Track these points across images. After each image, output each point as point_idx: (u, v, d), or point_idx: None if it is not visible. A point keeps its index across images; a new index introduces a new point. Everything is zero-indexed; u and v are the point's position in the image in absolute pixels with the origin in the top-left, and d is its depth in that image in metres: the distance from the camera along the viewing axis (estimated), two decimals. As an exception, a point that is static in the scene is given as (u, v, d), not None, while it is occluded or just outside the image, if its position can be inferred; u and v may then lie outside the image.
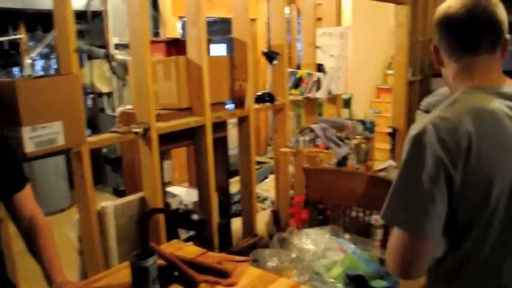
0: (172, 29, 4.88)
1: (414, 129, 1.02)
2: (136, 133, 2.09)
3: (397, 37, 5.01)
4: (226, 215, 2.91)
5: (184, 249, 1.66)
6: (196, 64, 2.32)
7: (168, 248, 1.62)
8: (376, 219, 2.80)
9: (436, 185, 0.96)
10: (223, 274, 1.45)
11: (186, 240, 2.57)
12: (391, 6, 4.93)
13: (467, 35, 1.05)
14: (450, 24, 1.07)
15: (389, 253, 1.06)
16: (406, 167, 1.03)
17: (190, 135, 2.48)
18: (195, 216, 1.33)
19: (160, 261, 1.41)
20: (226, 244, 2.84)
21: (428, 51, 5.96)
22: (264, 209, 3.60)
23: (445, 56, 1.12)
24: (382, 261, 1.96)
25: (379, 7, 5.12)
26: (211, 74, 2.39)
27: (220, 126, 2.68)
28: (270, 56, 2.86)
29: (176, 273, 1.44)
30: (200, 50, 2.30)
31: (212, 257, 1.59)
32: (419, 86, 5.90)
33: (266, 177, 4.40)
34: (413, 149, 1.01)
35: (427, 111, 3.76)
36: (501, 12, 1.05)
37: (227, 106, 2.75)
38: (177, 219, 1.39)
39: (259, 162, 5.68)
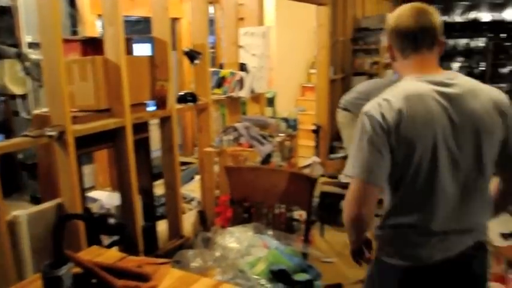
0: (92, 27, 4.69)
1: (365, 107, 1.37)
2: (50, 136, 1.99)
3: (318, 37, 5.18)
4: (151, 217, 2.86)
5: (103, 255, 1.60)
6: (115, 64, 2.25)
7: (86, 255, 1.56)
8: (300, 214, 2.88)
9: (382, 145, 1.32)
10: (143, 278, 1.42)
11: (110, 245, 2.50)
12: (312, 6, 5.08)
13: (413, 38, 1.38)
14: (400, 30, 1.40)
15: (346, 200, 1.40)
16: (361, 134, 1.36)
17: (111, 137, 2.41)
18: (112, 220, 1.29)
19: (77, 269, 1.36)
20: (152, 247, 2.79)
21: (348, 50, 6.23)
22: (191, 210, 3.59)
23: (396, 53, 1.44)
24: (304, 255, 2.02)
25: (301, 7, 5.25)
26: (130, 74, 2.34)
27: (141, 127, 2.63)
28: (192, 55, 2.84)
29: (94, 281, 1.39)
30: (118, 50, 2.24)
31: (133, 261, 1.55)
32: (341, 84, 6.14)
33: (192, 178, 4.37)
34: (364, 121, 1.35)
35: (345, 109, 3.93)
36: (436, 19, 1.39)
37: (149, 107, 2.70)
38: (93, 225, 1.35)
39: (186, 163, 5.62)
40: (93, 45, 2.53)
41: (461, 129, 1.34)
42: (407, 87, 1.37)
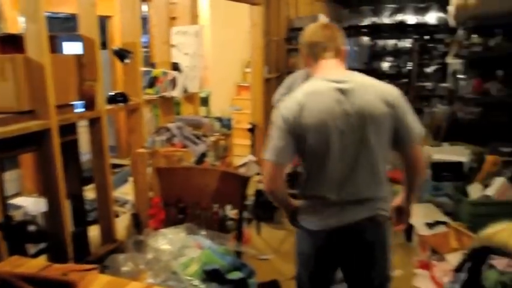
0: (14, 24, 4.44)
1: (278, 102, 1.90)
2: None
3: (252, 36, 5.21)
4: (82, 222, 2.76)
5: (25, 264, 1.53)
6: (38, 63, 2.14)
7: (5, 266, 1.48)
8: (234, 213, 2.89)
9: (286, 132, 1.70)
10: (68, 286, 1.37)
11: (36, 254, 2.39)
12: (246, 6, 5.11)
13: (320, 50, 1.79)
14: (311, 44, 1.81)
15: (263, 177, 1.85)
16: (274, 125, 1.75)
17: (35, 140, 2.29)
18: (32, 227, 1.24)
19: (-5, 281, 1.29)
20: (83, 253, 2.70)
21: (282, 50, 6.33)
22: (125, 213, 3.50)
23: (309, 60, 1.83)
24: (238, 254, 2.04)
25: (235, 7, 5.27)
26: (56, 73, 2.24)
27: (69, 129, 2.53)
28: (121, 54, 2.77)
29: (14, 292, 1.33)
30: (41, 48, 2.14)
31: (57, 269, 1.49)
32: (276, 83, 6.22)
33: (126, 180, 4.26)
34: (275, 113, 1.78)
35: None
36: (338, 33, 1.82)
37: (76, 108, 2.60)
38: (11, 233, 1.28)
39: (120, 165, 5.46)
40: (13, 43, 2.39)
41: (352, 116, 1.66)
42: (311, 85, 1.75)
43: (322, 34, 1.80)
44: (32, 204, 2.51)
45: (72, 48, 2.84)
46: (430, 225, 3.41)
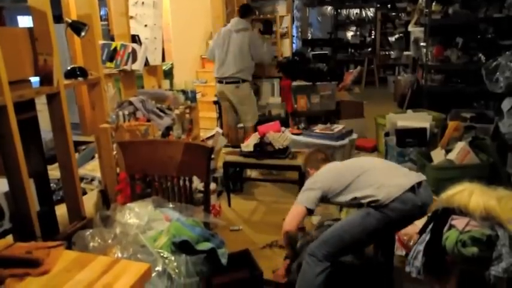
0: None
1: None
2: None
3: (212, 6, 5.11)
4: (48, 202, 2.70)
5: (-13, 245, 1.48)
6: (-17, 37, 2.03)
7: (-34, 247, 1.43)
8: (203, 185, 2.88)
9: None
10: (33, 263, 1.34)
11: (1, 234, 2.32)
12: (205, -25, 5.00)
13: None
14: None
15: (290, 216, 2.39)
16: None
17: (-10, 119, 2.20)
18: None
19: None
20: (52, 232, 2.65)
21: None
22: (92, 190, 3.44)
23: None
24: (206, 224, 2.04)
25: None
26: (6, 47, 2.13)
27: (27, 106, 2.43)
28: (76, 27, 2.66)
29: (-25, 273, 1.29)
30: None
31: (21, 248, 1.45)
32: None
33: (93, 157, 4.18)
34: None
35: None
36: None
37: (34, 84, 2.50)
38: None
39: (86, 142, 5.35)
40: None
41: None
42: None
43: None
44: (-8, 185, 2.42)
45: (27, 21, 2.70)
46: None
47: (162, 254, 1.74)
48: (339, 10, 11.08)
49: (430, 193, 2.35)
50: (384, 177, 2.31)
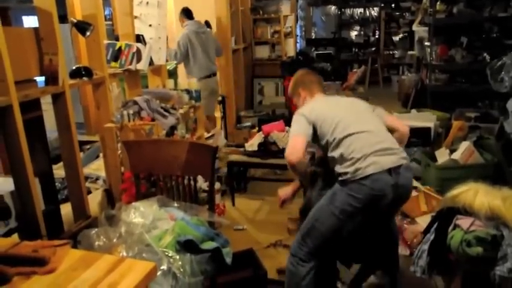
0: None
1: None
2: None
3: (216, 7, 5.12)
4: (53, 201, 2.71)
5: (-7, 243, 1.49)
6: (-11, 37, 2.04)
7: (-28, 246, 1.44)
8: (208, 184, 2.89)
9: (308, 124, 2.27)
10: (40, 262, 1.35)
11: (7, 234, 2.34)
12: (210, -26, 5.00)
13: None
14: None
15: (288, 147, 2.26)
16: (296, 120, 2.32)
17: (-5, 118, 2.21)
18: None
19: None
20: (57, 231, 2.66)
21: (248, 20, 6.25)
22: (97, 189, 3.45)
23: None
24: (210, 224, 2.04)
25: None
26: (12, 47, 2.14)
27: (33, 106, 2.44)
28: (81, 27, 2.67)
29: (-18, 272, 1.30)
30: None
31: (27, 246, 1.46)
32: (243, 53, 6.17)
33: (98, 156, 4.19)
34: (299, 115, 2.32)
35: None
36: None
37: (40, 84, 2.51)
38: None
39: (90, 142, 5.37)
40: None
41: None
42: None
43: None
44: (-1, 184, 2.44)
45: (32, 22, 2.72)
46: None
47: (167, 253, 1.74)
48: (342, 9, 11.06)
49: (410, 175, 2.20)
50: (369, 147, 2.11)
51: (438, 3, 5.30)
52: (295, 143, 2.22)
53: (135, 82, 3.32)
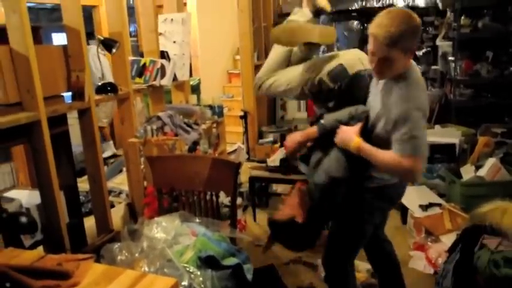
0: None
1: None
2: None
3: (240, 22, 5.17)
4: (77, 214, 2.76)
5: (20, 256, 1.53)
6: (22, 54, 2.11)
7: (0, 258, 1.47)
8: (229, 200, 2.90)
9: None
10: (64, 275, 1.37)
11: (32, 246, 2.38)
12: (233, -8, 5.06)
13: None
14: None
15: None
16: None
17: (25, 133, 2.27)
18: (24, 219, 1.23)
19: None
20: (80, 244, 2.70)
21: (269, 36, 6.29)
22: (120, 203, 3.50)
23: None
24: (232, 240, 2.04)
25: (222, -7, 5.24)
26: (42, 64, 2.20)
27: (59, 120, 2.50)
28: (108, 44, 2.73)
29: (8, 285, 1.32)
30: (25, 39, 2.09)
31: (52, 260, 1.49)
32: (266, 69, 6.18)
33: (121, 171, 4.26)
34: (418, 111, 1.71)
35: None
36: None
37: (66, 99, 2.57)
38: (5, 225, 1.28)
39: (115, 156, 5.48)
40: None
41: None
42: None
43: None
44: (26, 197, 2.49)
45: (60, 39, 2.80)
46: (424, 207, 3.43)
47: (188, 269, 1.75)
48: (365, 24, 11.03)
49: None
50: None
51: (462, 17, 5.24)
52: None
53: (159, 98, 3.37)
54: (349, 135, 1.84)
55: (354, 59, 2.00)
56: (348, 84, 1.95)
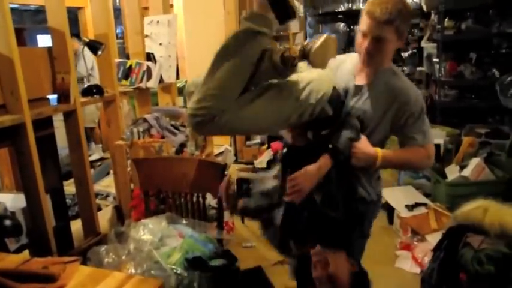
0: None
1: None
2: None
3: (226, 25, 5.18)
4: (63, 217, 2.74)
5: (4, 259, 1.51)
6: (5, 56, 2.08)
7: (-16, 262, 1.46)
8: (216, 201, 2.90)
9: None
10: (50, 278, 1.36)
11: (18, 249, 2.36)
12: (220, -6, 5.07)
13: None
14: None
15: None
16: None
17: (9, 136, 2.25)
18: (8, 222, 1.22)
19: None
20: (67, 247, 2.68)
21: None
22: (107, 206, 3.48)
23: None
24: (219, 241, 2.05)
25: (208, -5, 5.23)
26: (26, 66, 2.19)
27: (45, 123, 2.49)
28: (93, 46, 2.72)
29: (-6, 287, 1.31)
30: (8, 41, 2.07)
31: (38, 263, 1.47)
32: (253, 71, 6.19)
33: (108, 173, 4.24)
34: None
35: None
36: None
37: (52, 102, 2.56)
38: (-12, 228, 1.27)
39: (102, 159, 5.45)
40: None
41: None
42: None
43: None
44: (10, 200, 2.46)
45: (45, 40, 2.78)
46: (410, 207, 3.46)
47: (175, 270, 1.75)
48: (351, 26, 11.12)
49: None
50: None
51: (446, 19, 5.32)
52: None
53: (145, 100, 3.36)
54: (368, 150, 1.64)
55: (332, 79, 1.68)
56: (341, 107, 1.70)
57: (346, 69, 1.79)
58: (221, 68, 1.43)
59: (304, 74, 1.58)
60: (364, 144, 1.64)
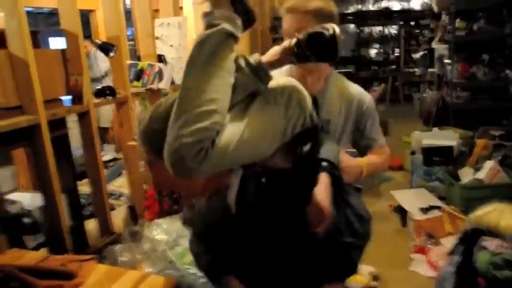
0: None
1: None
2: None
3: (237, 26, 5.18)
4: (78, 216, 2.76)
5: (24, 256, 1.54)
6: (21, 59, 2.11)
7: (5, 258, 1.48)
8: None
9: None
10: (67, 276, 1.38)
11: (36, 247, 2.38)
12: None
13: None
14: None
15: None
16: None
17: (26, 136, 2.28)
18: (27, 220, 1.23)
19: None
20: (82, 246, 2.70)
21: (267, 39, 6.32)
22: (121, 206, 3.49)
23: None
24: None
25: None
26: (41, 68, 2.21)
27: (59, 124, 2.51)
28: (105, 48, 2.75)
29: (13, 284, 1.33)
30: (23, 43, 2.10)
31: (56, 260, 1.50)
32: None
33: (120, 174, 4.26)
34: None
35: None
36: None
37: (65, 103, 2.58)
38: (7, 225, 1.28)
39: (115, 159, 5.46)
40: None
41: None
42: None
43: None
44: (27, 199, 2.49)
45: (58, 43, 2.80)
46: (424, 210, 3.43)
47: (189, 270, 1.76)
48: (361, 28, 11.09)
49: None
50: None
51: (458, 20, 5.27)
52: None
53: (157, 101, 3.37)
54: (352, 162, 1.46)
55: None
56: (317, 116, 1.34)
57: None
58: (206, 79, 1.06)
59: (276, 80, 1.27)
60: (346, 157, 1.43)
